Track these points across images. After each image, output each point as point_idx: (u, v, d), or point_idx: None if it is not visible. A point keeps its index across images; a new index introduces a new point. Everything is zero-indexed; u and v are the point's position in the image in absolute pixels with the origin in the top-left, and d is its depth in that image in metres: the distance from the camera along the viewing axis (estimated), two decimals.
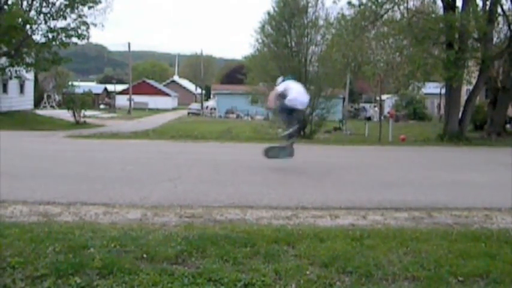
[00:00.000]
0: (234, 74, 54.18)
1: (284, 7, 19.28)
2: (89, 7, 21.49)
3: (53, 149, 11.82)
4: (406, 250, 3.68)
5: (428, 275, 3.16)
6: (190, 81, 79.01)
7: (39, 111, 32.21)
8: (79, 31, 21.54)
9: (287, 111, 8.09)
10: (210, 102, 51.01)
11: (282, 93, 8.06)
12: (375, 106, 37.57)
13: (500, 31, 20.86)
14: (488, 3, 17.97)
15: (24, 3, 21.15)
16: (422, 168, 9.74)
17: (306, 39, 19.31)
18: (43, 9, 21.17)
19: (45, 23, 21.26)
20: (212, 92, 55.65)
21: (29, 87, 29.87)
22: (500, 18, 19.21)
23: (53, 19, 21.23)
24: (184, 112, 48.56)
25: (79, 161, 9.31)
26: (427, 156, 12.71)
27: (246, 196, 5.85)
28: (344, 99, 32.26)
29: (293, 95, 7.90)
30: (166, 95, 61.99)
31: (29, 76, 27.96)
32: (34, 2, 21.18)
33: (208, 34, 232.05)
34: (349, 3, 17.40)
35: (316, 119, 19.47)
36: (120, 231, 3.92)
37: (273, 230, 4.13)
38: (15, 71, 21.84)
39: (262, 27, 20.30)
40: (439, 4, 18.62)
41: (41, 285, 2.83)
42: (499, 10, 18.41)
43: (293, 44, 19.49)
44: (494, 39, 19.93)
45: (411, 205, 5.63)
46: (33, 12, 21.16)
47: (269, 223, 4.57)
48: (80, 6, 21.29)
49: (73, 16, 21.43)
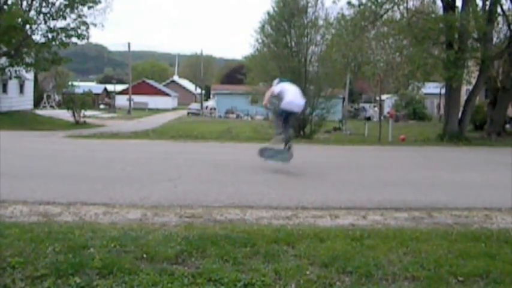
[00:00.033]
0: (234, 74, 54.18)
1: (284, 7, 19.26)
2: (89, 7, 21.50)
3: (53, 149, 11.81)
4: (406, 250, 3.68)
5: (428, 275, 3.16)
6: (190, 81, 78.99)
7: (39, 111, 32.18)
8: (79, 31, 21.55)
9: (284, 115, 8.09)
10: (210, 102, 50.96)
11: (278, 95, 8.07)
12: (374, 106, 37.56)
13: (500, 31, 20.86)
14: (488, 3, 17.97)
15: (24, 3, 21.15)
16: (422, 168, 9.74)
17: (305, 39, 19.29)
18: (43, 9, 21.17)
19: (45, 23, 21.26)
20: (212, 92, 55.61)
21: (29, 87, 29.85)
22: (500, 18, 19.21)
23: (53, 19, 21.23)
24: (184, 112, 48.53)
25: (79, 161, 9.31)
26: (427, 156, 12.71)
27: (246, 196, 5.86)
28: (344, 99, 32.28)
29: (289, 98, 7.91)
30: (166, 95, 61.96)
31: (29, 76, 27.96)
32: (34, 2, 21.18)
33: (208, 34, 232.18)
34: (349, 3, 17.42)
35: (316, 119, 19.46)
36: (120, 231, 3.92)
37: (273, 230, 4.14)
38: (15, 71, 21.84)
39: (262, 27, 20.29)
40: (439, 4, 18.66)
41: (41, 285, 2.83)
42: (499, 10, 18.41)
43: (293, 44, 19.47)
44: (494, 39, 19.93)
45: (411, 205, 5.64)
46: (33, 12, 21.17)
47: (269, 223, 4.57)
48: (79, 6, 21.29)
49: (73, 16, 21.46)
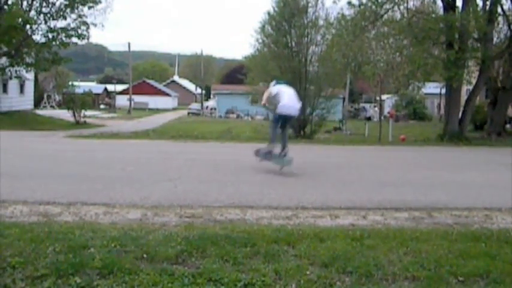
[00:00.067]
0: (234, 74, 54.22)
1: (284, 7, 19.26)
2: (89, 7, 21.49)
3: (53, 149, 11.81)
4: (406, 250, 3.68)
5: (428, 275, 3.16)
6: (190, 81, 78.98)
7: (39, 111, 32.17)
8: (79, 31, 21.54)
9: (282, 120, 8.05)
10: (210, 102, 50.97)
11: (274, 97, 8.07)
12: (375, 106, 37.56)
13: (500, 31, 20.87)
14: (488, 3, 17.97)
15: (24, 3, 21.15)
16: (422, 168, 9.74)
17: (306, 39, 19.29)
18: (43, 9, 21.16)
19: (45, 23, 21.25)
20: (212, 92, 55.66)
21: (29, 87, 29.86)
22: (500, 18, 19.20)
23: (53, 19, 21.22)
24: (184, 112, 48.55)
25: (79, 161, 9.32)
26: (427, 156, 12.71)
27: (246, 196, 5.85)
28: (344, 99, 32.25)
29: (285, 101, 7.89)
30: (167, 95, 61.96)
31: (29, 76, 27.96)
32: (34, 2, 21.17)
33: (208, 34, 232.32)
34: (349, 3, 17.42)
35: (316, 119, 19.48)
36: (120, 231, 3.92)
37: (273, 230, 4.13)
38: (15, 71, 21.83)
39: (262, 27, 20.30)
40: (439, 4, 18.67)
41: (41, 285, 2.83)
42: (499, 10, 18.41)
43: (293, 44, 19.47)
44: (494, 39, 19.93)
45: (411, 205, 5.63)
46: (33, 12, 21.15)
47: (269, 223, 4.57)
48: (80, 6, 21.28)
49: (73, 16, 21.44)
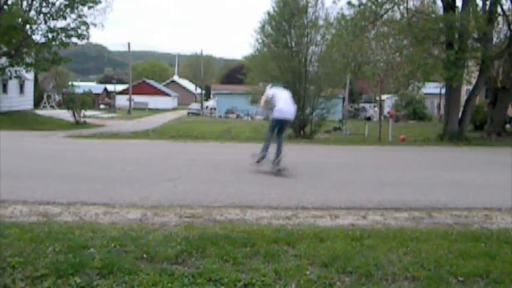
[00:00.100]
0: (234, 74, 54.24)
1: (284, 7, 19.27)
2: (89, 7, 21.51)
3: (53, 149, 11.81)
4: (406, 250, 3.68)
5: (428, 275, 3.16)
6: (190, 81, 79.01)
7: (39, 111, 32.18)
8: (79, 31, 21.55)
9: (278, 126, 8.02)
10: (210, 102, 50.98)
11: (270, 100, 8.07)
12: (374, 106, 37.56)
13: (500, 31, 20.88)
14: (488, 3, 17.97)
15: (24, 3, 21.16)
16: (422, 168, 9.74)
17: (305, 39, 19.30)
18: (43, 9, 21.17)
19: (45, 23, 21.26)
20: (212, 92, 55.65)
21: (29, 87, 29.87)
22: (500, 18, 19.22)
23: (53, 19, 21.23)
24: (184, 112, 48.55)
25: (79, 161, 9.31)
26: (427, 156, 12.71)
27: (246, 196, 5.85)
28: (344, 99, 32.25)
29: (280, 105, 7.89)
30: (166, 95, 61.98)
31: (29, 76, 27.96)
32: (34, 2, 21.19)
33: (208, 34, 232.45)
34: (349, 3, 17.43)
35: (316, 119, 19.49)
36: (120, 231, 3.91)
37: (273, 230, 4.13)
38: (15, 71, 21.85)
39: (262, 27, 20.30)
40: (439, 4, 18.67)
41: (41, 285, 2.83)
42: (499, 10, 18.42)
43: (293, 44, 19.47)
44: (494, 39, 19.94)
45: (411, 205, 5.63)
46: (33, 12, 21.17)
47: (269, 223, 4.57)
48: (79, 6, 21.30)
49: (73, 16, 21.47)
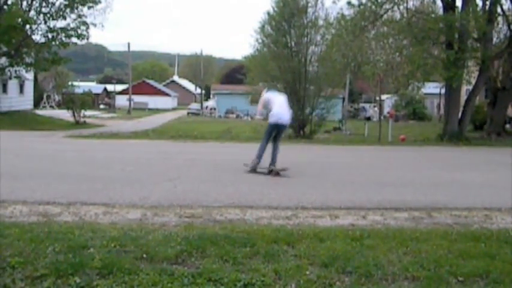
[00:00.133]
0: (234, 74, 54.26)
1: (284, 7, 19.25)
2: (89, 7, 21.46)
3: (53, 149, 11.81)
4: (406, 250, 3.68)
5: (428, 275, 3.16)
6: (190, 81, 78.97)
7: (39, 111, 32.15)
8: (79, 31, 21.50)
9: (275, 131, 8.00)
10: (210, 102, 50.93)
11: (266, 104, 8.09)
12: (374, 106, 37.56)
13: (500, 31, 20.88)
14: (488, 3, 17.98)
15: (24, 3, 21.14)
16: (422, 168, 9.74)
17: (305, 39, 19.28)
18: (43, 9, 21.14)
19: (45, 23, 21.23)
20: (212, 92, 55.59)
21: (29, 87, 29.85)
22: (500, 18, 19.22)
23: (53, 19, 21.20)
24: (184, 112, 48.52)
25: (79, 161, 9.31)
26: (427, 156, 12.71)
27: (246, 196, 5.86)
28: (344, 99, 32.24)
29: (276, 110, 7.90)
30: (166, 95, 61.94)
31: (29, 76, 27.95)
32: (34, 2, 21.16)
33: (208, 34, 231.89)
34: (348, 3, 17.44)
35: (316, 119, 19.48)
36: (120, 231, 3.91)
37: (272, 230, 4.13)
38: (15, 71, 21.83)
39: (262, 27, 20.27)
40: (439, 4, 18.68)
41: (41, 285, 2.83)
42: (499, 10, 18.43)
43: (293, 44, 19.46)
44: (494, 39, 19.94)
45: (411, 205, 5.64)
46: (32, 12, 21.14)
47: (269, 223, 4.57)
48: (79, 6, 21.26)
49: (73, 16, 21.41)
